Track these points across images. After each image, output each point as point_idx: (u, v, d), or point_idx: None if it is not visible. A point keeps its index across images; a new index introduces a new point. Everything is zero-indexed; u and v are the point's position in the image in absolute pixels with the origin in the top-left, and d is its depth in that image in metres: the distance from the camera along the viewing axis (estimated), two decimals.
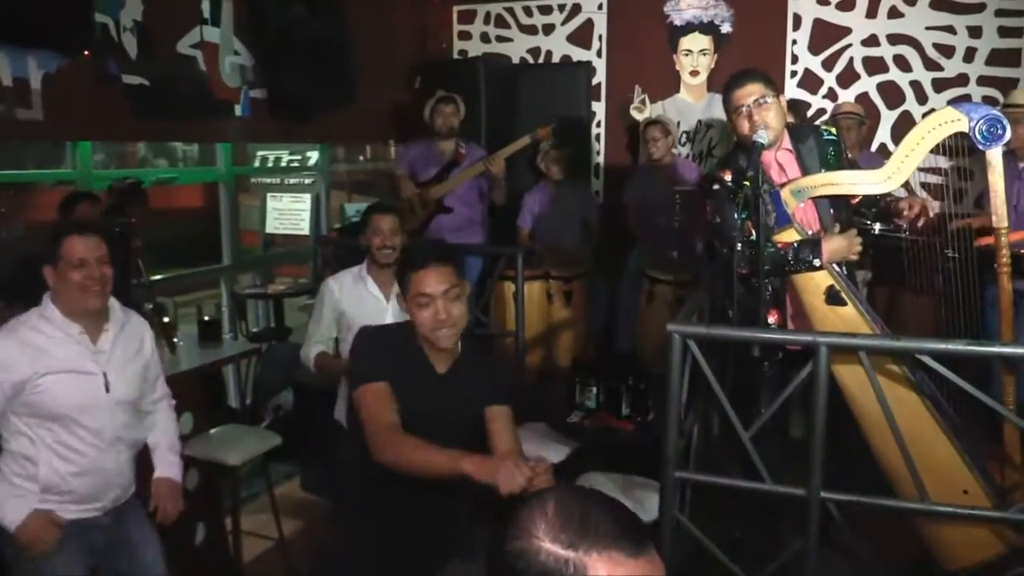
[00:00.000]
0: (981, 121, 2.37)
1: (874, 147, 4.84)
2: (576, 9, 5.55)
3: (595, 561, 0.88)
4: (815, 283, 2.62)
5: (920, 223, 2.68)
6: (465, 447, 2.13)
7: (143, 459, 2.45)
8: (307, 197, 5.84)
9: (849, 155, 2.86)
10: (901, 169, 2.50)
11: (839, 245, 2.61)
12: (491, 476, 1.77)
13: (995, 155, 2.42)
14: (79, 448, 2.18)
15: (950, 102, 4.51)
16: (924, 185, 4.61)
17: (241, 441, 3.27)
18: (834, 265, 2.63)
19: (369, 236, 3.07)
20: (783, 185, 2.64)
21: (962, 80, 4.71)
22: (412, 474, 1.92)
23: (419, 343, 2.16)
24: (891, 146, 4.77)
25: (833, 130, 2.84)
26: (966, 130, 2.39)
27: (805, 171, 2.70)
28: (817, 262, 2.58)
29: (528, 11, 5.68)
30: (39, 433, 2.15)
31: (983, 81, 4.65)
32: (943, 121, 2.43)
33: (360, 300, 3.06)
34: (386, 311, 3.02)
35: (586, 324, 4.93)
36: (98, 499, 2.26)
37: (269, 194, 6.01)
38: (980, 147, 2.40)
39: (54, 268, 2.15)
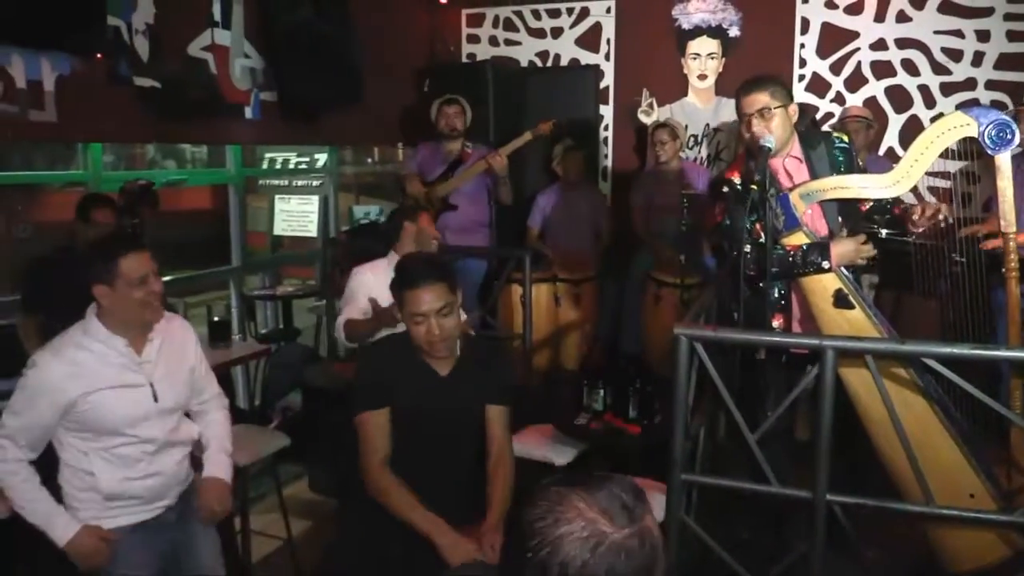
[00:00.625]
0: (990, 126, 2.37)
1: (882, 151, 4.85)
2: (584, 13, 5.57)
3: (648, 522, 1.05)
4: (823, 286, 2.63)
5: (933, 221, 2.66)
6: (469, 443, 2.27)
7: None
8: (315, 199, 5.86)
9: (860, 163, 2.86)
10: (910, 174, 2.50)
11: (847, 248, 2.62)
12: (450, 557, 2.04)
13: (1004, 160, 2.42)
14: (132, 456, 2.19)
15: (958, 106, 4.52)
16: (932, 189, 4.61)
17: (250, 442, 3.28)
18: (842, 269, 2.63)
19: (414, 229, 3.33)
20: (792, 189, 2.65)
21: (970, 84, 4.71)
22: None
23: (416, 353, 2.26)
24: (899, 150, 4.77)
25: (845, 137, 2.84)
26: (975, 135, 2.39)
27: (815, 177, 2.70)
28: (826, 264, 2.59)
29: (536, 14, 5.70)
30: (91, 446, 2.15)
31: (991, 85, 4.65)
32: (952, 126, 2.43)
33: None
34: None
35: (593, 327, 4.94)
36: (163, 497, 2.28)
37: (277, 196, 6.03)
38: (989, 151, 2.40)
39: (110, 287, 2.11)
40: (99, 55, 3.46)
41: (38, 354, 2.13)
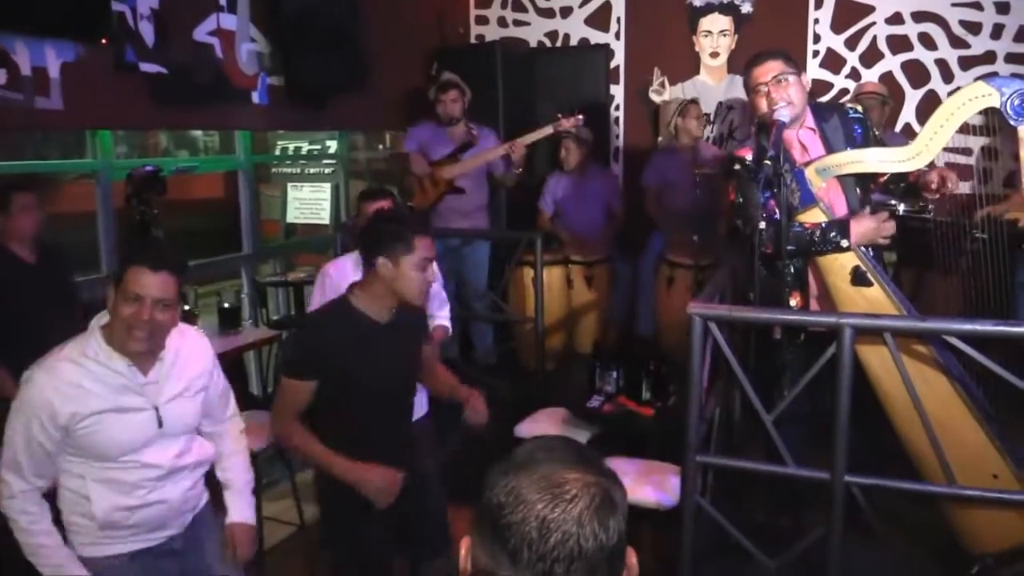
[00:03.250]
0: (1014, 95, 2.30)
1: (899, 127, 4.76)
2: None
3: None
4: (840, 264, 2.57)
5: (947, 190, 2.58)
6: (410, 379, 2.50)
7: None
8: (327, 187, 5.84)
9: (876, 133, 2.79)
10: (929, 146, 2.44)
11: (868, 227, 2.55)
12: (359, 483, 2.25)
13: None
14: (134, 482, 1.99)
15: (978, 79, 4.42)
16: (951, 165, 4.52)
17: (262, 427, 3.26)
18: (861, 247, 2.57)
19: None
20: (807, 164, 2.59)
21: (989, 58, 4.61)
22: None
23: (357, 309, 2.32)
24: (916, 126, 4.68)
25: (859, 108, 2.79)
26: (997, 105, 2.32)
27: (830, 150, 2.65)
28: (845, 243, 2.53)
29: None
30: (88, 470, 1.96)
31: (1011, 58, 4.55)
32: (973, 96, 2.37)
33: None
34: None
35: (606, 309, 4.90)
36: (166, 527, 2.09)
37: (289, 184, 6.02)
38: (1012, 123, 2.33)
39: (114, 290, 1.93)
40: (104, 41, 3.43)
41: (30, 370, 1.94)
